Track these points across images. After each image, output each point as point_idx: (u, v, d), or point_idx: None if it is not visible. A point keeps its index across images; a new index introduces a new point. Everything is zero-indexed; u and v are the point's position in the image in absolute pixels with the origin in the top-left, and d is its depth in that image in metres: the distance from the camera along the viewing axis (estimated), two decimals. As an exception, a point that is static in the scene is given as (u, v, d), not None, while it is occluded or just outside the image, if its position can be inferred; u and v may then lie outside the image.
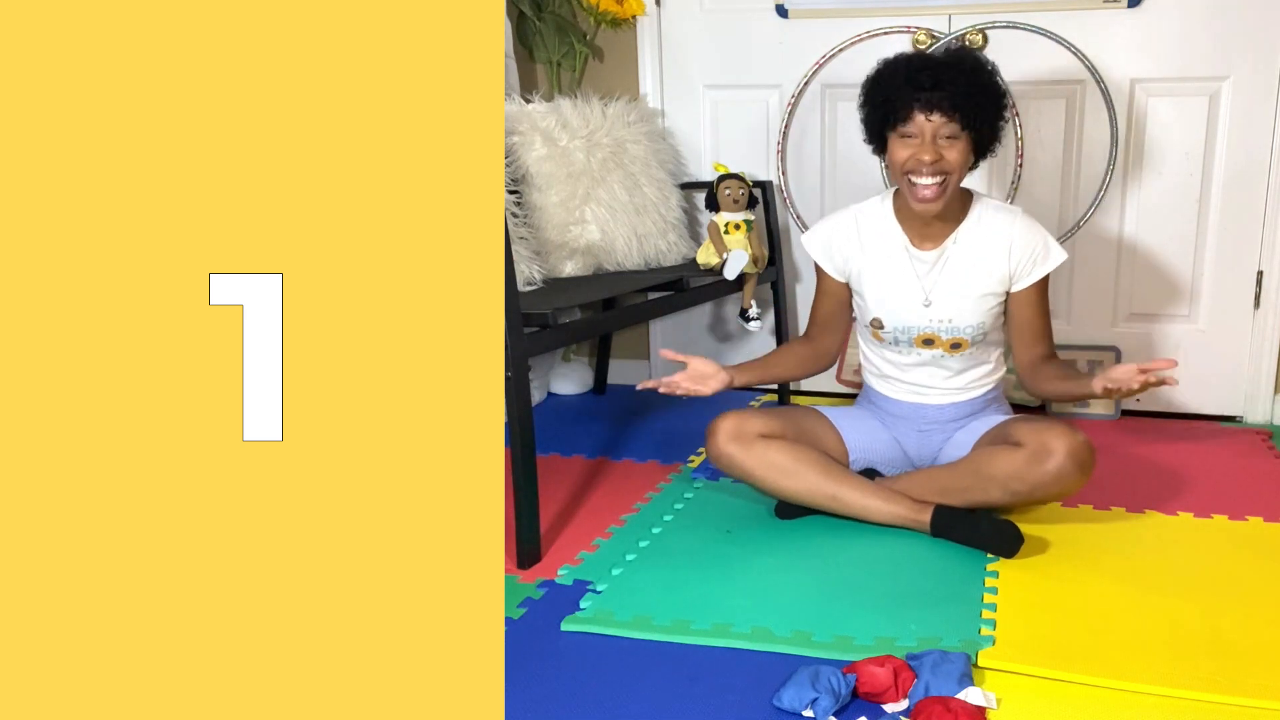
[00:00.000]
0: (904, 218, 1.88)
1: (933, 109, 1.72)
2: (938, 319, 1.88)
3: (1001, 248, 1.84)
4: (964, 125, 1.74)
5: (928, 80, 1.71)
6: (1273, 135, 2.46)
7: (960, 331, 1.88)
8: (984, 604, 1.61)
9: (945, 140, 1.74)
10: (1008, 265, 1.85)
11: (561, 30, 2.81)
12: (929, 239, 1.87)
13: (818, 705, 1.31)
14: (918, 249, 1.87)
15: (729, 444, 1.90)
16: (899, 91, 1.74)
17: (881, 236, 1.90)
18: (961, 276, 1.86)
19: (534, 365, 2.88)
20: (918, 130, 1.74)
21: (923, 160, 1.74)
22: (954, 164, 1.75)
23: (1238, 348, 2.61)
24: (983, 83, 1.75)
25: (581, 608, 1.63)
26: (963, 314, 1.86)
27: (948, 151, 1.74)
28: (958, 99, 1.72)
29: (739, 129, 2.84)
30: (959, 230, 1.86)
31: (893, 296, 1.90)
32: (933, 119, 1.73)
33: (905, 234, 1.89)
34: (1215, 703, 1.33)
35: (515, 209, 2.29)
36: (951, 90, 1.71)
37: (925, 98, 1.72)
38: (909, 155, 1.76)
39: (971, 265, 1.86)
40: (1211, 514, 1.98)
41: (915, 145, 1.75)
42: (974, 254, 1.86)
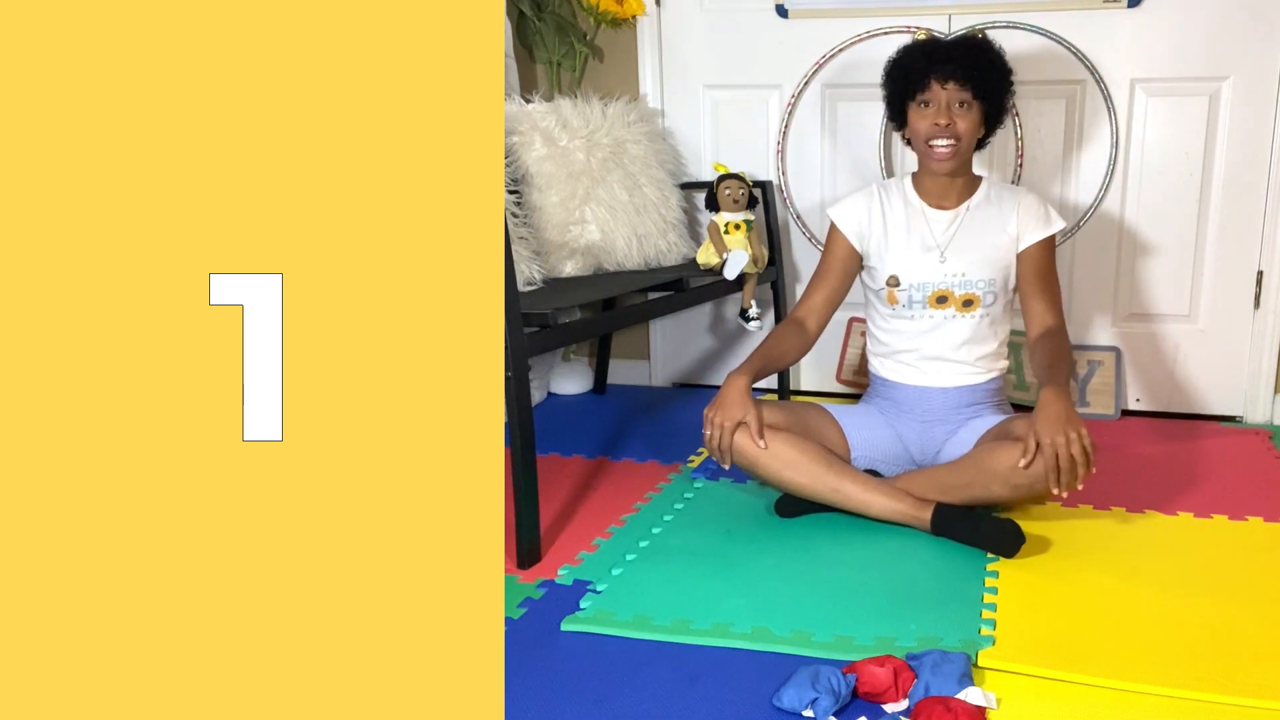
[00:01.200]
0: (922, 189, 2.06)
1: (947, 78, 1.93)
2: (952, 273, 2.00)
3: (1010, 209, 2.03)
4: (975, 94, 1.94)
5: (942, 54, 1.94)
6: (1273, 135, 2.46)
7: (973, 286, 2.00)
8: (984, 604, 1.61)
9: (959, 108, 1.94)
10: (1015, 223, 2.01)
11: (561, 30, 2.81)
12: (945, 204, 2.04)
13: (818, 705, 1.31)
14: (934, 209, 2.04)
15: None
16: (917, 64, 1.96)
17: (901, 201, 2.08)
18: (974, 233, 2.02)
19: (534, 365, 2.88)
20: (934, 98, 1.94)
21: (939, 124, 1.93)
22: (965, 130, 1.95)
23: (1238, 348, 2.61)
24: (991, 58, 1.96)
25: (581, 608, 1.63)
26: (975, 267, 2.00)
27: (961, 120, 1.94)
28: (969, 69, 1.93)
29: (739, 129, 2.84)
30: (971, 199, 2.05)
31: (910, 253, 2.03)
32: (947, 87, 1.93)
33: (923, 200, 2.06)
34: (1215, 703, 1.33)
35: (515, 209, 2.29)
36: (964, 62, 1.92)
37: (940, 68, 1.93)
38: (927, 122, 1.95)
39: (983, 224, 2.02)
40: (1211, 514, 1.98)
41: (932, 113, 1.94)
42: (985, 215, 2.03)
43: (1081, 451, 1.70)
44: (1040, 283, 2.01)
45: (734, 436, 1.89)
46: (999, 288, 2.01)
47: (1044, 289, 2.01)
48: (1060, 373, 1.85)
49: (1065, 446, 1.69)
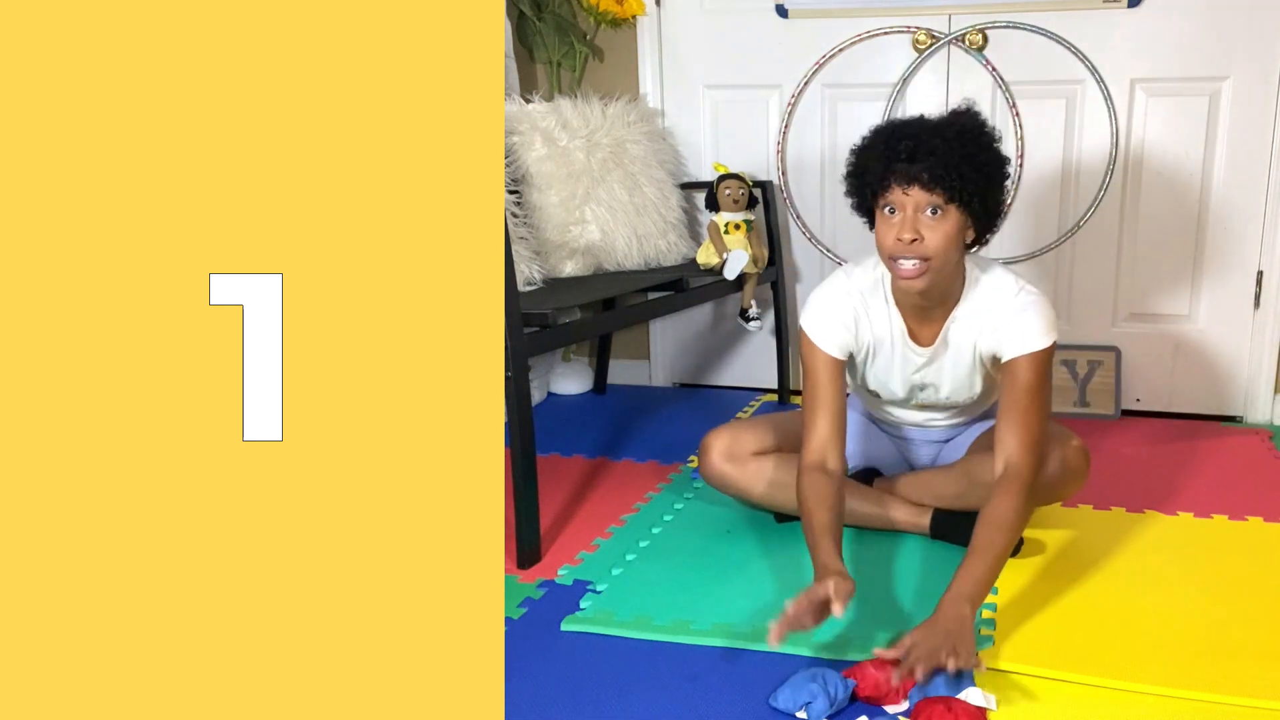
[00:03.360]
0: (900, 301, 1.71)
1: (910, 181, 1.52)
2: (932, 398, 1.82)
3: (989, 324, 1.67)
4: (950, 199, 1.53)
5: (905, 150, 1.52)
6: (1273, 135, 2.46)
7: (955, 401, 1.82)
8: (984, 604, 1.61)
9: (928, 218, 1.54)
10: (994, 338, 1.67)
11: (561, 30, 2.81)
12: (927, 326, 1.71)
13: (812, 708, 1.30)
14: (915, 344, 1.73)
15: (723, 463, 1.89)
16: (876, 162, 1.57)
17: (882, 325, 1.74)
18: (952, 363, 1.75)
19: (534, 365, 2.88)
20: (897, 204, 1.55)
21: (901, 239, 1.54)
22: (935, 247, 1.54)
23: (1238, 348, 2.61)
24: (969, 152, 1.53)
25: (581, 608, 1.63)
26: (958, 390, 1.78)
27: (930, 232, 1.53)
28: (937, 171, 1.51)
29: (739, 129, 2.84)
30: (956, 311, 1.69)
31: (891, 380, 1.80)
32: (910, 193, 1.53)
33: (904, 322, 1.72)
34: (1215, 703, 1.33)
35: (515, 209, 2.29)
36: (931, 162, 1.51)
37: (902, 169, 1.52)
38: (891, 235, 1.56)
39: (967, 347, 1.72)
40: (1211, 514, 1.98)
41: (897, 224, 1.55)
42: (970, 334, 1.70)
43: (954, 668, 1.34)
44: (1015, 407, 1.60)
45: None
46: (981, 393, 1.80)
47: (1019, 416, 1.60)
48: (982, 563, 1.46)
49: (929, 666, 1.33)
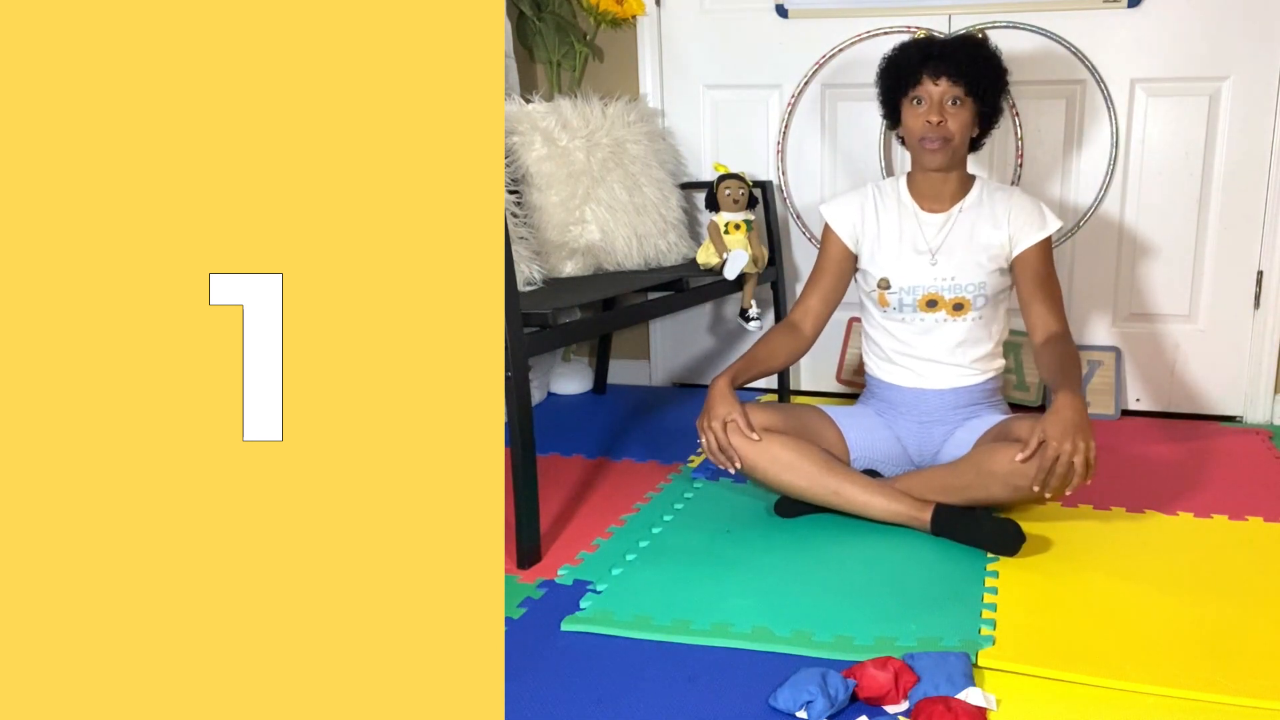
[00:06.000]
0: (916, 190, 2.05)
1: (939, 75, 1.91)
2: (941, 277, 1.99)
3: (1001, 214, 2.00)
4: (968, 91, 1.92)
5: (935, 51, 1.93)
6: (1273, 135, 2.46)
7: (962, 290, 1.98)
8: (984, 604, 1.61)
9: (951, 105, 1.92)
10: (1008, 228, 1.99)
11: (561, 30, 2.81)
12: (937, 205, 2.03)
13: (812, 708, 1.30)
14: (926, 213, 2.03)
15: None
16: (909, 61, 1.94)
17: (895, 203, 2.06)
18: (965, 237, 2.00)
19: (534, 365, 2.88)
20: (926, 95, 1.93)
21: (931, 121, 1.91)
22: (956, 128, 1.93)
23: (1238, 348, 2.61)
24: (985, 55, 1.94)
25: (581, 608, 1.63)
26: (965, 271, 1.98)
27: (953, 118, 1.92)
28: (962, 66, 1.91)
29: (739, 129, 2.84)
30: (964, 200, 2.02)
31: (902, 256, 2.01)
32: (939, 84, 1.91)
33: (916, 202, 2.04)
34: (1215, 703, 1.33)
35: (515, 209, 2.29)
36: (956, 59, 1.91)
37: (932, 65, 1.91)
38: (920, 119, 1.93)
39: (974, 227, 2.00)
40: (1211, 514, 1.98)
41: (925, 110, 1.93)
42: (977, 218, 2.01)
43: (1084, 463, 1.67)
44: (1039, 287, 1.98)
45: (731, 436, 1.89)
46: (990, 291, 1.99)
47: (1044, 293, 1.98)
48: (1072, 377, 1.81)
49: (1069, 454, 1.67)
